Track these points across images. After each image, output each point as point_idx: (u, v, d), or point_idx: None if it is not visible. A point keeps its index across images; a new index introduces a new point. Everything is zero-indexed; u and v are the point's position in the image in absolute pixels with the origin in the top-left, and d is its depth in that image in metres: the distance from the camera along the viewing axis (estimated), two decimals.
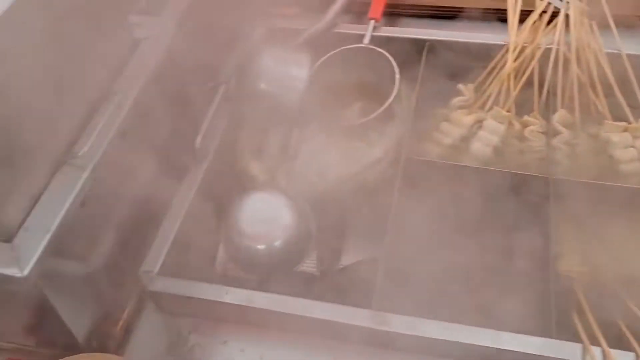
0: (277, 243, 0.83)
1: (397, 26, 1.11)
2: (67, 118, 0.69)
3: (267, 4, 1.16)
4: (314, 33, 1.08)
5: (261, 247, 0.83)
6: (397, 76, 0.99)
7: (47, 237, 0.61)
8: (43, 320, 0.71)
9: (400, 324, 0.73)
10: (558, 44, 0.96)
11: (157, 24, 0.81)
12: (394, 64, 1.01)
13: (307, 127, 1.01)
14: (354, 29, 1.10)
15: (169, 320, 0.81)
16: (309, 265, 0.85)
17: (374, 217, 0.86)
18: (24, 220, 0.62)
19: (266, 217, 0.83)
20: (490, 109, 0.96)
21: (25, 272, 0.59)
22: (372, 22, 1.08)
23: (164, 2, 0.85)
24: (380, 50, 1.03)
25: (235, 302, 0.77)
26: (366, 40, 1.06)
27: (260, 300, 0.77)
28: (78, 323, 0.73)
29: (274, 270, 0.84)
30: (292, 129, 1.01)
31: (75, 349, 0.74)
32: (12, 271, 0.59)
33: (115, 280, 0.79)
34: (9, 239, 0.61)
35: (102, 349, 0.77)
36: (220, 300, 0.77)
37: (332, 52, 1.05)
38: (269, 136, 1.01)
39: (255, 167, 0.97)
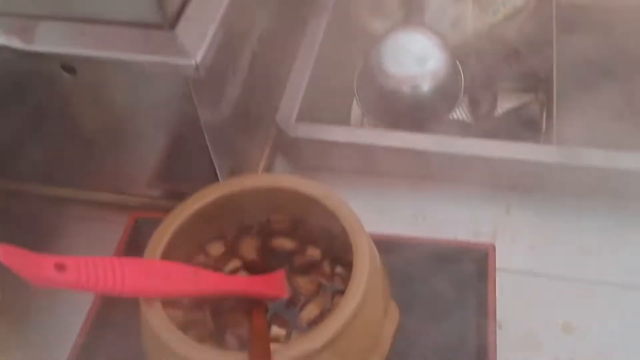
0: (426, 86, 0.72)
1: None
2: None
3: None
4: None
5: (407, 90, 0.72)
6: None
7: (212, 27, 0.50)
8: (188, 156, 0.60)
9: (593, 157, 0.62)
10: None
11: None
12: None
13: None
14: None
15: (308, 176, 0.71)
16: (459, 114, 0.74)
17: (528, 66, 0.75)
18: (183, 8, 0.51)
19: (414, 56, 0.72)
20: None
21: (197, 58, 0.47)
22: None
23: None
24: None
25: (394, 145, 0.66)
26: None
27: (423, 141, 0.66)
28: (222, 165, 0.62)
29: (420, 119, 0.73)
30: None
31: None
32: (181, 60, 0.47)
33: (251, 125, 0.68)
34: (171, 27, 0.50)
35: None
36: (376, 143, 0.66)
37: None
38: None
39: (375, 24, 0.86)
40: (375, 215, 0.66)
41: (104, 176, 0.64)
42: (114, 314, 0.58)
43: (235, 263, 0.54)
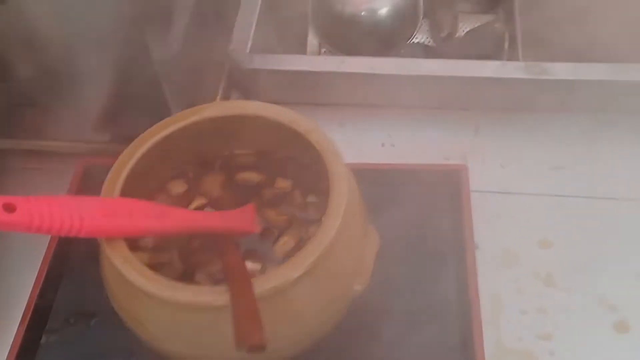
0: (384, 10, 0.69)
1: None
2: None
3: None
4: None
5: (365, 14, 0.69)
6: None
7: None
8: (138, 94, 0.55)
9: (560, 71, 0.61)
10: None
11: None
12: None
13: None
14: None
15: None
16: (420, 37, 0.72)
17: None
18: None
19: None
20: None
21: None
22: None
23: None
24: None
25: (356, 71, 0.63)
26: None
27: (386, 65, 0.63)
28: (177, 102, 0.58)
29: (380, 45, 0.70)
30: None
31: None
32: None
33: (204, 59, 0.63)
34: None
35: None
36: (337, 70, 0.63)
37: None
38: None
39: None
40: (342, 147, 0.64)
41: (44, 122, 0.59)
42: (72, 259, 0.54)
43: (200, 201, 0.50)
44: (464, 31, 0.70)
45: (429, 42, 0.70)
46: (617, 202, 0.58)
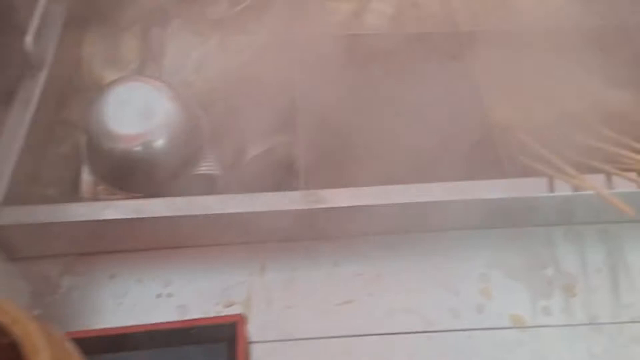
0: (160, 142, 0.64)
1: None
2: None
3: None
4: None
5: (138, 149, 0.63)
6: None
7: None
8: None
9: (339, 197, 0.58)
10: None
11: None
12: None
13: (168, 25, 0.83)
14: None
15: (27, 267, 0.59)
16: (207, 167, 0.67)
17: (275, 101, 0.71)
18: None
19: (141, 110, 0.63)
20: None
21: None
22: None
23: None
24: None
25: (121, 217, 0.57)
26: None
27: (156, 207, 0.57)
28: None
29: (160, 180, 0.64)
30: (149, 29, 0.82)
31: None
32: None
33: None
34: None
35: None
36: (98, 218, 0.57)
37: None
38: (121, 39, 0.81)
39: (111, 77, 0.77)
40: (110, 305, 0.57)
41: None
42: None
43: None
44: (251, 155, 0.67)
45: (216, 169, 0.66)
46: (410, 336, 0.54)
